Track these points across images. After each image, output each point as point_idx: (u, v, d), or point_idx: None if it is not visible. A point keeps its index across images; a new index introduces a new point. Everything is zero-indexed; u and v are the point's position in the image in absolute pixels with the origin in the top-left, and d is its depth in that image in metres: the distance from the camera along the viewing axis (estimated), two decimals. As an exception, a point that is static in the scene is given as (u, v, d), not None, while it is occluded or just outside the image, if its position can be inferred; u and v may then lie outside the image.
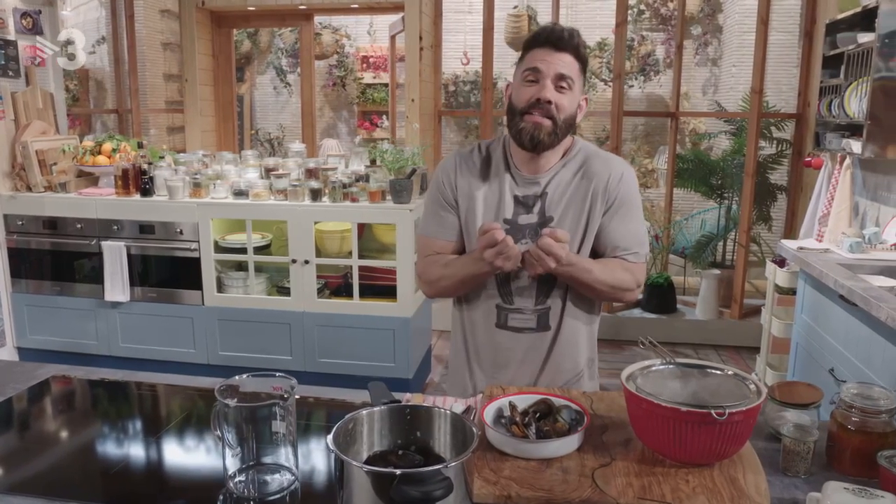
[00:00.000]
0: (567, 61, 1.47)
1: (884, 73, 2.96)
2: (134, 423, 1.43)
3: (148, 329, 3.58)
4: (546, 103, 1.46)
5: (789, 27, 5.72)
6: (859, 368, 2.31)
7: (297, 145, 3.87)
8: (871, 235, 2.86)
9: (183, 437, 1.36)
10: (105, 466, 1.24)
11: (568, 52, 1.47)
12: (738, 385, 1.15)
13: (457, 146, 7.38)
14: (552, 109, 1.46)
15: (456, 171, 1.60)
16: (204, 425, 1.41)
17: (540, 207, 1.55)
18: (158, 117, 6.78)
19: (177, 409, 1.51)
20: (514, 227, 1.54)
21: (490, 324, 1.59)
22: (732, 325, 4.40)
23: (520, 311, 1.56)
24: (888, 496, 0.97)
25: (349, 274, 3.53)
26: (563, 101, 1.47)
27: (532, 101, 1.47)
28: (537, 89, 1.47)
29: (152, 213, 3.47)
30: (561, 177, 1.56)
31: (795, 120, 4.41)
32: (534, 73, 1.48)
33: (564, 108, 1.48)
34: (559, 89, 1.47)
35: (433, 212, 1.63)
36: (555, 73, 1.46)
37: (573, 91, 1.49)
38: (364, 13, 6.29)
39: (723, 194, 4.83)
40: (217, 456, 1.25)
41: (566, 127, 1.51)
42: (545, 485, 1.05)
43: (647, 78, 6.67)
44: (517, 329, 1.57)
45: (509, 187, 1.57)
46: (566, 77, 1.47)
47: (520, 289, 1.55)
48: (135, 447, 1.32)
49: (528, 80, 1.48)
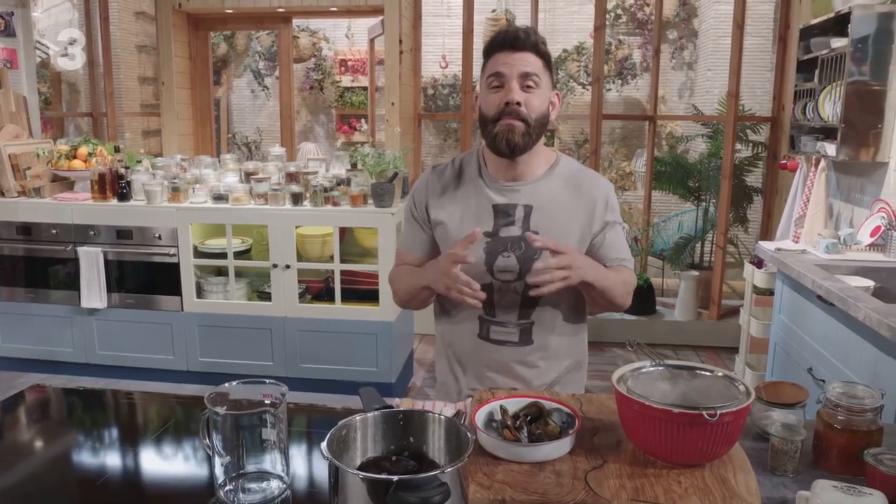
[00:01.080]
0: (528, 59, 1.45)
1: (856, 77, 3.02)
2: (117, 432, 1.40)
3: (126, 336, 3.52)
4: (515, 105, 1.44)
5: (763, 32, 5.82)
6: (837, 367, 2.35)
7: (277, 149, 3.84)
8: (847, 236, 2.92)
9: (168, 446, 1.34)
10: (89, 478, 1.22)
11: (527, 51, 1.45)
12: (727, 386, 1.16)
13: (436, 149, 7.39)
14: (522, 111, 1.45)
15: (427, 191, 1.60)
16: (188, 434, 1.39)
17: (524, 219, 1.52)
18: (133, 121, 6.69)
19: (160, 418, 1.48)
20: (496, 239, 1.51)
21: (472, 335, 1.57)
22: (711, 326, 4.45)
23: (502, 325, 1.54)
24: (876, 493, 0.98)
25: (331, 278, 3.51)
26: (532, 99, 1.46)
27: (501, 106, 1.45)
28: (504, 93, 1.45)
29: (130, 217, 3.42)
30: (547, 189, 1.54)
31: (770, 123, 4.48)
32: (497, 78, 1.46)
33: (534, 107, 1.46)
34: (526, 89, 1.45)
35: (407, 226, 1.66)
36: (518, 73, 1.44)
37: (541, 88, 1.47)
38: (343, 16, 6.28)
39: (700, 196, 4.89)
40: (204, 465, 1.24)
41: (540, 127, 1.49)
42: (539, 488, 1.05)
43: (625, 81, 6.73)
44: (499, 342, 1.55)
45: (487, 198, 1.54)
46: (530, 75, 1.45)
47: (503, 302, 1.53)
48: (118, 457, 1.30)
49: (493, 86, 1.47)
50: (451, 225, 1.55)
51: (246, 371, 3.41)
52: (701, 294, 4.55)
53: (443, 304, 1.63)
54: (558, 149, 7.33)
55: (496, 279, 1.52)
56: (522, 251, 1.50)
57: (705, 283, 4.56)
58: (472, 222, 1.53)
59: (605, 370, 4.12)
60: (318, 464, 1.27)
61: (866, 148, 3.06)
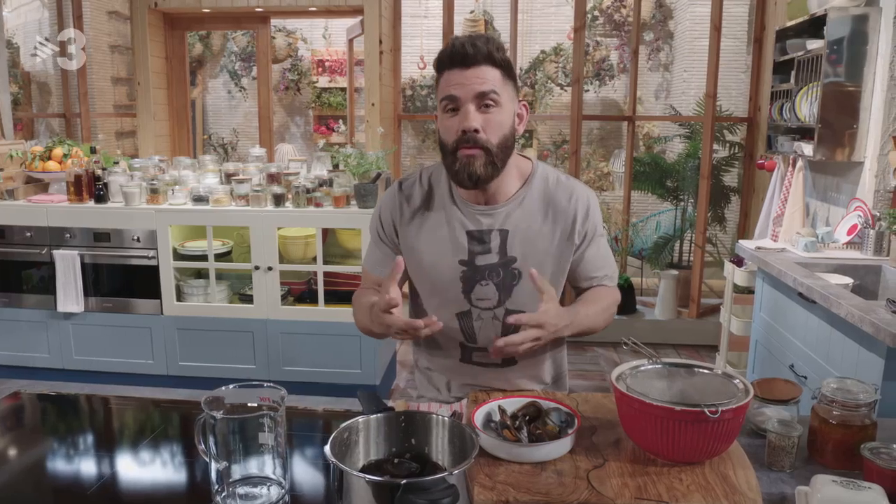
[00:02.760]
0: (483, 75, 1.31)
1: (832, 78, 3.08)
2: (106, 440, 1.37)
3: (103, 340, 3.45)
4: (473, 133, 1.31)
5: (737, 34, 5.90)
6: (819, 364, 2.39)
7: (258, 150, 3.80)
8: (825, 235, 2.97)
9: (159, 452, 1.31)
10: (81, 487, 1.19)
11: (481, 65, 1.31)
12: (725, 383, 1.17)
13: (414, 150, 7.38)
14: (481, 138, 1.31)
15: (396, 213, 1.48)
16: (179, 439, 1.37)
17: (500, 246, 1.43)
18: (106, 122, 6.57)
19: (150, 424, 1.45)
20: (472, 268, 1.43)
21: (454, 360, 1.52)
22: (691, 325, 4.50)
23: (485, 350, 1.48)
24: (875, 487, 1.00)
25: (313, 280, 3.48)
26: (492, 120, 1.32)
27: (458, 133, 1.32)
28: (459, 119, 1.31)
29: (107, 220, 3.35)
30: (523, 211, 1.43)
31: (747, 124, 4.55)
32: (451, 102, 1.33)
33: (495, 128, 1.32)
34: (484, 109, 1.31)
35: (372, 245, 1.54)
36: (472, 94, 1.30)
37: (501, 105, 1.32)
38: (322, 16, 6.24)
39: (678, 196, 4.95)
40: (199, 470, 1.22)
41: (504, 150, 1.35)
42: (542, 488, 1.05)
43: (602, 83, 6.79)
44: (482, 364, 1.50)
45: (460, 224, 1.43)
46: (487, 94, 1.30)
47: (484, 328, 1.47)
48: (109, 465, 1.27)
49: (448, 109, 1.34)
50: (424, 254, 1.46)
51: (227, 375, 3.36)
52: (680, 293, 4.59)
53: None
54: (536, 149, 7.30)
55: (475, 307, 1.45)
56: (501, 278, 1.43)
57: (684, 282, 4.61)
58: (445, 254, 1.44)
59: (586, 370, 4.17)
60: (316, 468, 1.25)
61: (842, 148, 3.12)
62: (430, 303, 1.49)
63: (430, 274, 1.45)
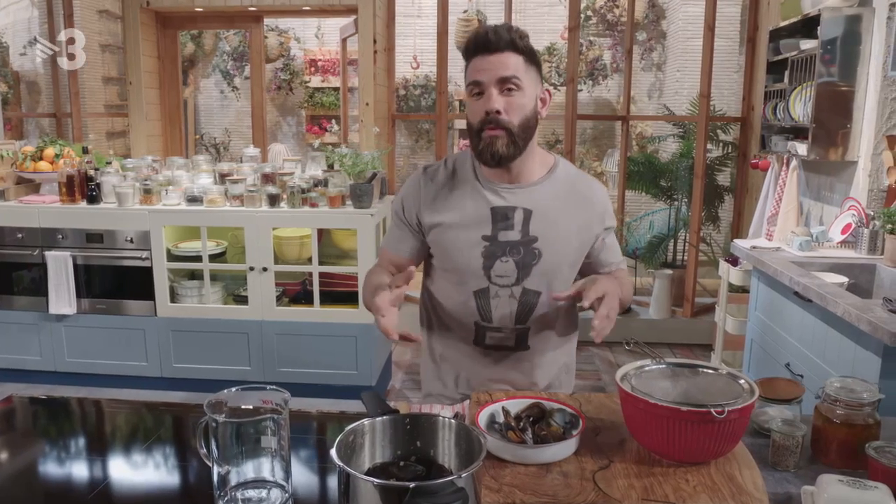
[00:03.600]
0: (506, 61, 1.39)
1: (826, 78, 3.09)
2: (105, 443, 1.36)
3: (97, 342, 3.42)
4: (495, 114, 1.39)
5: (730, 34, 5.92)
6: (815, 362, 2.40)
7: (252, 150, 3.78)
8: (819, 234, 2.98)
9: (160, 455, 1.29)
10: (82, 491, 1.17)
11: (503, 52, 1.39)
12: (729, 383, 1.17)
13: (408, 150, 7.36)
14: (503, 119, 1.39)
15: (419, 196, 1.53)
16: (180, 443, 1.36)
17: (523, 224, 1.47)
18: (97, 122, 6.52)
19: (149, 427, 1.44)
20: (495, 243, 1.47)
21: (467, 342, 1.53)
22: (685, 324, 4.51)
23: (498, 330, 1.51)
24: (881, 486, 1.00)
25: (307, 281, 3.46)
26: (514, 103, 1.40)
27: (482, 115, 1.40)
28: (483, 102, 1.40)
29: (100, 221, 3.32)
30: (547, 194, 1.49)
31: (740, 123, 4.56)
32: (476, 86, 1.41)
33: (517, 110, 1.40)
34: (506, 93, 1.39)
35: (394, 227, 1.60)
36: (495, 78, 1.38)
37: (523, 89, 1.40)
38: (315, 16, 6.22)
39: (672, 196, 4.96)
40: (200, 474, 1.20)
41: (526, 131, 1.43)
42: (548, 490, 1.04)
43: (596, 82, 6.80)
44: (495, 347, 1.52)
45: (484, 200, 1.49)
46: (509, 78, 1.39)
47: (500, 306, 1.50)
48: (110, 469, 1.25)
49: (474, 94, 1.42)
50: (449, 228, 1.49)
51: (222, 377, 3.34)
52: (674, 292, 4.61)
53: (433, 313, 1.59)
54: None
55: (493, 284, 1.48)
56: (521, 256, 1.46)
57: (679, 281, 4.62)
58: (469, 229, 1.48)
59: (582, 370, 4.17)
60: (312, 470, 1.24)
61: (835, 147, 3.13)
62: (449, 279, 1.51)
63: (453, 249, 1.48)
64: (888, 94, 2.93)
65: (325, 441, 1.38)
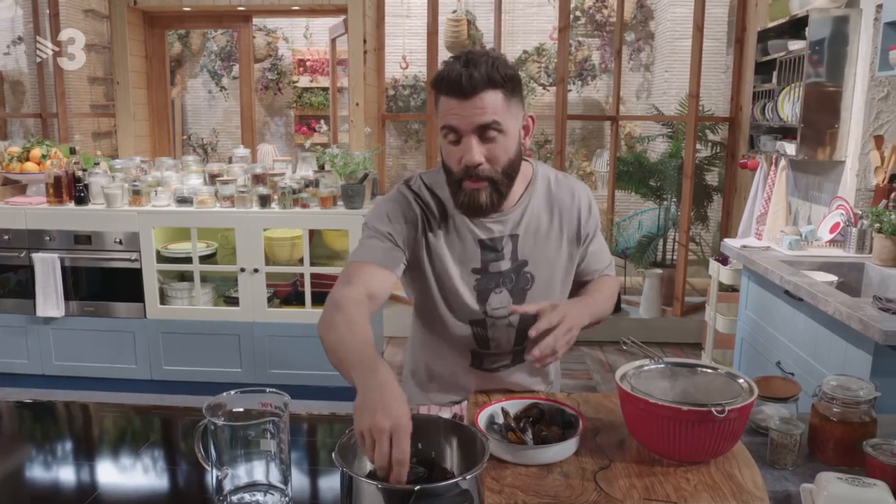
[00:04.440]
0: (483, 105, 1.23)
1: (814, 78, 3.12)
2: (101, 448, 1.34)
3: (85, 345, 3.39)
4: (475, 168, 1.27)
5: (717, 34, 5.96)
6: (806, 361, 2.42)
7: (242, 150, 3.76)
8: (808, 233, 3.01)
9: (157, 460, 1.28)
10: (78, 497, 1.16)
11: (479, 94, 1.23)
12: (727, 382, 1.18)
13: (397, 150, 7.35)
14: (484, 170, 1.27)
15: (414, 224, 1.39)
16: (176, 446, 1.35)
17: (511, 251, 1.40)
18: (83, 122, 6.46)
19: (144, 431, 1.43)
20: (486, 276, 1.40)
21: (464, 367, 1.47)
22: (675, 323, 4.54)
23: (497, 355, 1.47)
24: (880, 483, 1.01)
25: (299, 282, 3.45)
26: (496, 150, 1.27)
27: (461, 167, 1.28)
28: (461, 151, 1.26)
29: (88, 222, 3.29)
30: (530, 214, 1.41)
31: (729, 123, 4.59)
32: (451, 132, 1.27)
33: (500, 158, 1.28)
34: (486, 140, 1.26)
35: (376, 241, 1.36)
36: (472, 126, 1.24)
37: (505, 131, 1.26)
38: (305, 15, 6.19)
39: (661, 196, 4.98)
40: (198, 478, 1.19)
41: (509, 175, 1.32)
42: (550, 491, 1.04)
43: (584, 82, 6.82)
44: (491, 369, 1.48)
45: (471, 234, 1.39)
46: (489, 125, 1.24)
47: (497, 335, 1.44)
48: (107, 474, 1.24)
49: (450, 140, 1.28)
50: (437, 266, 1.40)
51: (213, 379, 3.32)
52: (664, 291, 4.63)
53: (427, 339, 1.50)
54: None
55: (490, 316, 1.42)
56: (514, 283, 1.41)
57: (668, 280, 4.65)
58: (459, 261, 1.40)
59: (573, 369, 4.18)
60: (310, 473, 1.24)
61: (824, 147, 3.16)
62: (443, 313, 1.43)
63: (444, 285, 1.40)
64: (875, 95, 2.96)
65: (315, 443, 1.37)
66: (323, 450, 1.35)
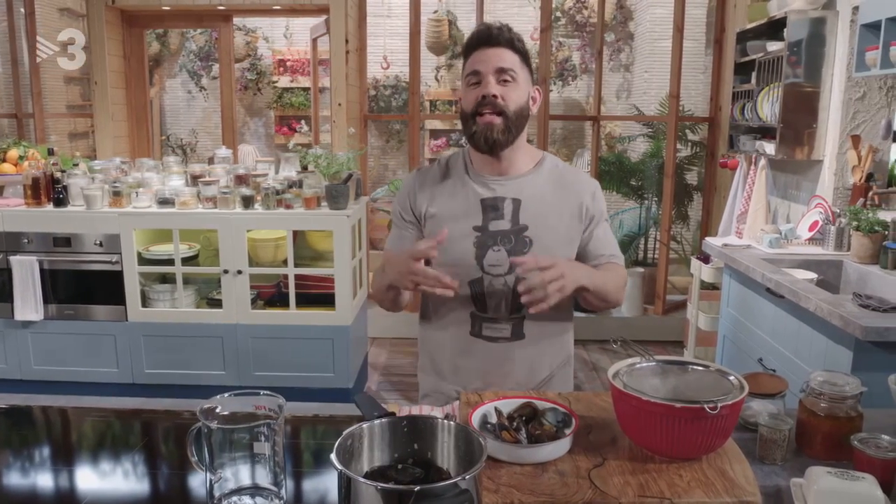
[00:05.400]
0: (504, 55, 1.48)
1: (792, 79, 3.17)
2: (91, 454, 1.32)
3: (65, 349, 3.34)
4: (492, 98, 1.46)
5: (696, 35, 6.02)
6: (788, 357, 2.46)
7: (224, 151, 3.72)
8: (788, 231, 3.06)
9: (148, 465, 1.27)
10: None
11: (502, 47, 1.48)
12: (718, 379, 1.19)
13: (378, 151, 7.33)
14: (499, 103, 1.46)
15: (415, 190, 1.60)
16: (168, 451, 1.33)
17: (512, 213, 1.53)
18: (58, 122, 6.35)
19: (134, 436, 1.41)
20: (486, 233, 1.52)
21: (464, 333, 1.56)
22: (657, 321, 4.58)
23: (494, 321, 1.54)
24: (868, 477, 1.03)
25: (282, 283, 3.43)
26: (510, 93, 1.48)
27: (479, 100, 1.47)
28: (481, 88, 1.48)
29: (67, 224, 3.24)
30: (535, 184, 1.55)
31: (708, 123, 4.65)
32: (475, 76, 1.49)
33: (512, 99, 1.48)
34: (502, 83, 1.48)
35: (395, 229, 1.63)
36: (494, 68, 1.47)
37: (518, 82, 1.49)
38: (286, 15, 6.15)
39: (642, 195, 5.03)
40: (191, 482, 1.18)
41: (519, 120, 1.50)
42: (545, 489, 1.05)
43: (565, 83, 6.85)
44: (491, 339, 1.55)
45: (474, 193, 1.55)
46: (506, 70, 1.47)
47: (494, 296, 1.53)
48: (98, 481, 1.22)
49: (472, 83, 1.50)
50: (442, 219, 1.55)
51: (196, 382, 3.29)
52: (646, 290, 4.67)
53: (431, 306, 1.61)
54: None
55: (487, 273, 1.52)
56: (512, 245, 1.51)
57: (650, 279, 4.69)
58: (460, 219, 1.52)
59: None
60: (301, 476, 1.23)
61: (802, 147, 3.21)
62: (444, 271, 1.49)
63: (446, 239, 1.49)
64: (852, 95, 3.02)
65: (299, 444, 1.37)
66: (306, 451, 1.35)
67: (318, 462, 1.27)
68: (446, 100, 7.18)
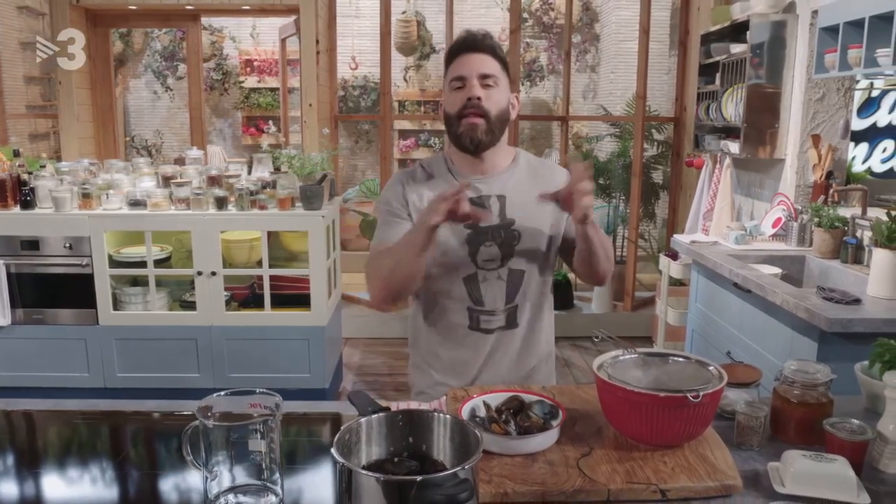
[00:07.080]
0: (486, 61, 1.54)
1: (755, 80, 3.27)
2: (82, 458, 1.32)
3: (34, 354, 3.27)
4: (476, 100, 1.52)
5: (660, 37, 6.15)
6: (755, 349, 2.54)
7: (195, 151, 3.69)
8: (752, 228, 3.16)
9: (142, 466, 1.27)
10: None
11: (486, 53, 1.54)
12: (698, 370, 1.24)
13: (347, 151, 7.32)
14: (483, 105, 1.52)
15: (404, 188, 1.62)
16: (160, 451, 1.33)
17: (499, 209, 1.58)
18: (19, 123, 6.20)
19: (122, 437, 1.40)
20: (476, 230, 1.56)
21: (461, 327, 1.60)
22: (626, 317, 4.68)
23: (491, 313, 1.59)
24: (840, 458, 1.09)
25: (256, 284, 3.41)
26: (492, 96, 1.53)
27: (463, 102, 1.52)
28: (465, 91, 1.53)
29: (35, 227, 3.18)
30: (516, 180, 1.61)
31: (674, 123, 4.75)
32: (459, 80, 1.54)
33: (495, 102, 1.53)
34: (485, 87, 1.53)
35: (385, 224, 1.61)
36: (477, 73, 1.53)
37: (499, 87, 1.55)
38: (255, 15, 6.10)
39: (610, 194, 5.12)
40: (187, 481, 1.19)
41: (500, 122, 1.56)
42: (537, 478, 1.09)
43: (533, 83, 6.93)
44: (487, 330, 1.60)
45: None
46: (489, 75, 1.53)
47: (489, 289, 1.58)
48: (91, 483, 1.22)
49: (456, 87, 1.55)
50: None
51: (170, 384, 3.26)
52: (615, 287, 4.76)
53: (431, 302, 1.63)
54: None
55: (480, 269, 1.57)
56: (502, 239, 1.57)
57: (619, 276, 4.78)
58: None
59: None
60: (308, 473, 1.25)
61: (765, 146, 3.32)
62: (439, 270, 1.58)
63: (439, 240, 1.54)
64: (812, 96, 3.13)
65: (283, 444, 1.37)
66: (296, 448, 1.36)
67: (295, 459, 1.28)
68: (415, 100, 7.20)
